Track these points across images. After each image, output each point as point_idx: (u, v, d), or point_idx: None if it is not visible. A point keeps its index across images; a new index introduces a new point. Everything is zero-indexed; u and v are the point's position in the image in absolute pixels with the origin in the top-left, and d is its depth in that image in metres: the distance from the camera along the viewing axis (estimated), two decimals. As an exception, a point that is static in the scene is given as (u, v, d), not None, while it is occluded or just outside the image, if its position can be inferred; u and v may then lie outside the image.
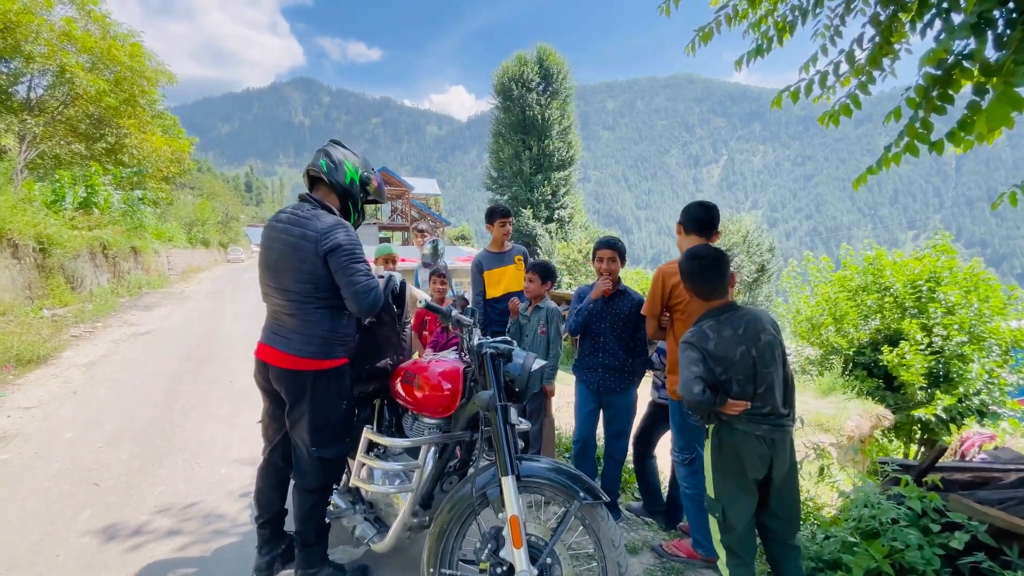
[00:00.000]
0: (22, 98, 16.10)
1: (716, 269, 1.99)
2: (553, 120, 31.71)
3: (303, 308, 1.97)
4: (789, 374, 1.97)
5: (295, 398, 2.00)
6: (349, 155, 2.16)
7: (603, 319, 2.89)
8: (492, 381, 1.79)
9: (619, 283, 2.92)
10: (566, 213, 32.46)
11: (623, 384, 2.88)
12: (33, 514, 2.73)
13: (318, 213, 2.00)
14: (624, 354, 2.87)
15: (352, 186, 2.13)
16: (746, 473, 1.90)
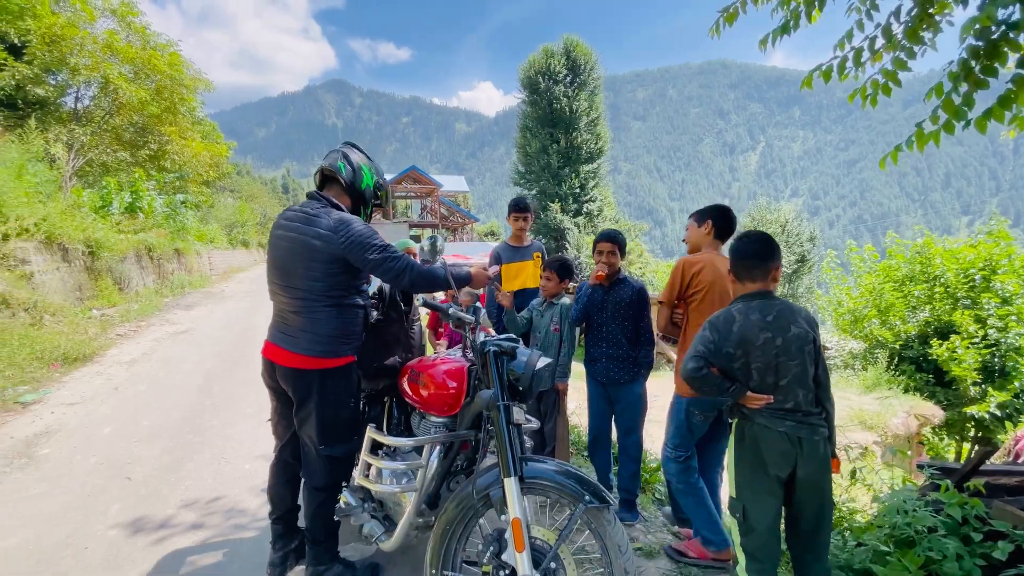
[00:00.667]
0: (70, 109, 16.99)
1: (762, 252, 1.93)
2: (581, 112, 31.28)
3: (311, 306, 1.97)
4: (823, 375, 1.87)
5: (302, 397, 2.00)
6: (366, 160, 2.19)
7: (604, 308, 2.86)
8: (494, 379, 1.74)
9: (619, 272, 2.89)
10: (595, 206, 32.05)
11: (628, 375, 2.81)
12: (67, 507, 2.87)
13: (330, 210, 2.00)
14: (627, 343, 2.82)
15: (367, 191, 2.17)
16: (768, 471, 1.81)
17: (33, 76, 14.30)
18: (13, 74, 13.70)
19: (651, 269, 28.28)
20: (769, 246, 1.94)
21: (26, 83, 14.20)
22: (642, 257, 26.87)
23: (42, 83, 14.84)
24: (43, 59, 14.39)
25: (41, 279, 9.06)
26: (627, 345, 2.81)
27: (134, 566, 2.35)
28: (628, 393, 2.82)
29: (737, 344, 1.83)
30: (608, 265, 2.81)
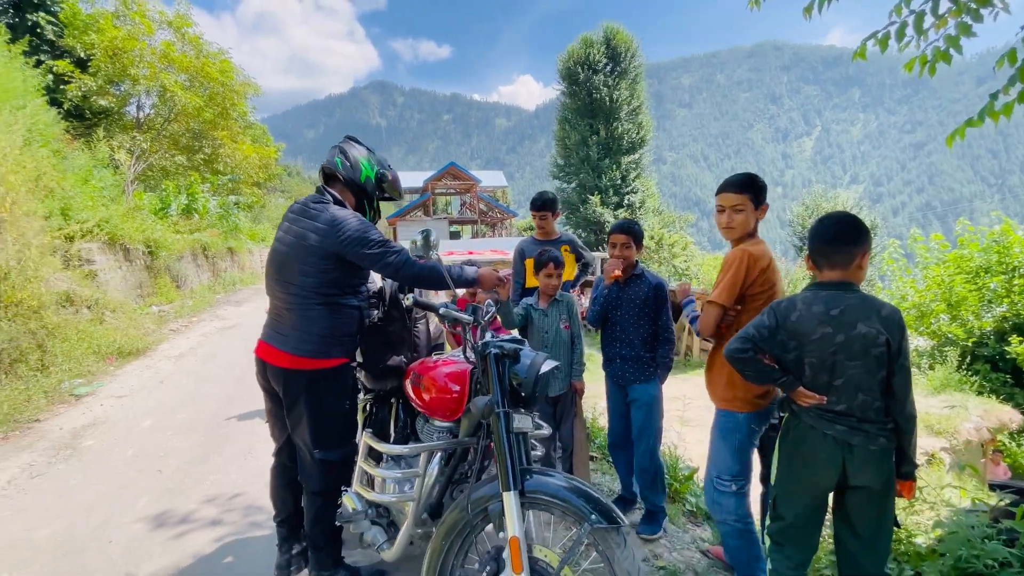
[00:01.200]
0: (133, 117, 18.09)
1: (846, 235, 1.69)
2: (622, 101, 30.47)
3: (304, 303, 1.92)
4: (899, 384, 1.64)
5: (292, 399, 1.95)
6: (364, 152, 2.13)
7: (619, 306, 2.66)
8: (494, 384, 1.60)
9: (635, 267, 2.68)
10: (637, 198, 31.22)
11: (643, 375, 2.61)
12: (100, 498, 2.97)
13: (328, 206, 1.96)
14: (642, 343, 2.62)
15: (368, 184, 2.10)
16: (809, 472, 1.71)
17: (97, 88, 15.28)
18: (79, 86, 14.68)
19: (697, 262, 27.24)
20: (855, 229, 1.69)
21: (91, 94, 15.18)
22: (687, 250, 25.91)
23: (106, 94, 15.84)
24: (106, 71, 15.35)
25: (104, 277, 9.67)
26: (641, 345, 2.62)
27: (151, 561, 2.38)
28: (642, 393, 2.62)
29: (792, 334, 1.69)
30: (623, 259, 2.61)
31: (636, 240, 2.65)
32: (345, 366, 2.02)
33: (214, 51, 19.49)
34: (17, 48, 11.34)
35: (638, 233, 2.68)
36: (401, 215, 31.26)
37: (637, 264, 2.69)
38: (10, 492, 3.06)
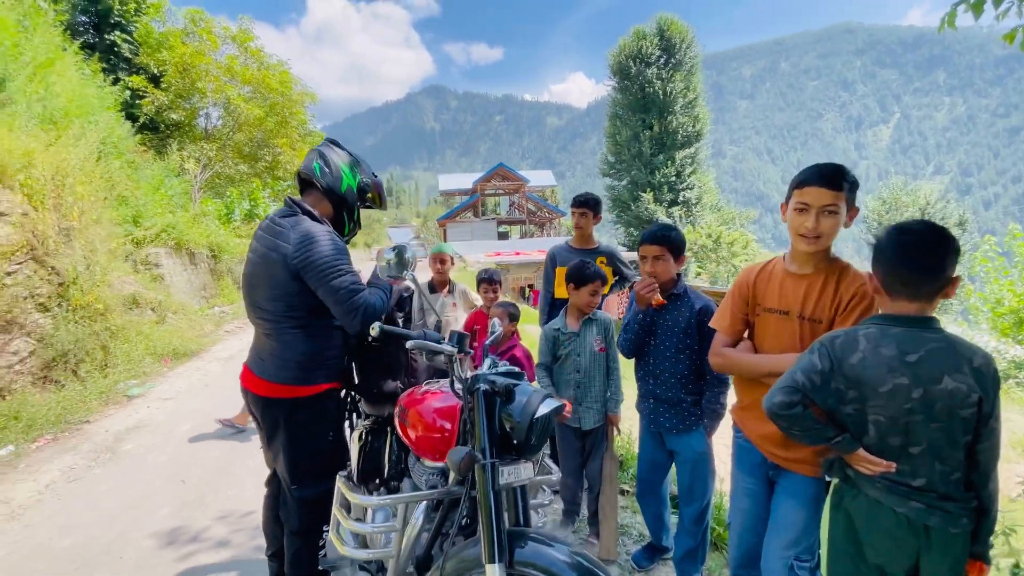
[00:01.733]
0: (201, 128, 19.27)
1: (930, 254, 1.26)
2: (676, 94, 29.33)
3: (277, 328, 1.76)
4: (985, 453, 1.25)
5: (271, 429, 1.79)
6: (346, 158, 1.91)
7: (653, 333, 2.14)
8: (481, 428, 1.35)
9: (676, 283, 2.14)
10: (693, 194, 29.96)
11: (683, 423, 2.10)
12: (124, 508, 2.98)
13: (299, 220, 1.76)
14: (680, 383, 2.09)
15: (348, 194, 1.87)
16: (874, 554, 1.33)
17: (169, 102, 16.36)
18: (152, 100, 15.75)
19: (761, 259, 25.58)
20: (945, 247, 1.25)
21: (164, 108, 16.27)
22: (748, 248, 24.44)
23: (177, 107, 16.94)
24: (177, 86, 16.41)
25: (170, 280, 10.25)
26: (680, 386, 2.09)
27: None
28: (684, 448, 2.13)
29: (852, 381, 1.29)
30: (655, 275, 2.07)
31: (674, 251, 2.10)
32: (328, 393, 1.83)
33: (274, 63, 20.44)
34: (94, 66, 12.24)
35: (676, 242, 2.10)
36: (451, 216, 31.64)
37: (679, 280, 2.16)
38: (45, 497, 3.15)
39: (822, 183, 1.49)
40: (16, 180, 6.48)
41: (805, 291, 1.57)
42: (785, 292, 1.60)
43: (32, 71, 8.31)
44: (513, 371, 1.47)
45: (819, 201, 1.49)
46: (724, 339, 1.76)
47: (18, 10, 9.20)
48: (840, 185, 1.48)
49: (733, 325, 1.75)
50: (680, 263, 2.13)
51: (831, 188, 1.48)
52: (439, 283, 3.23)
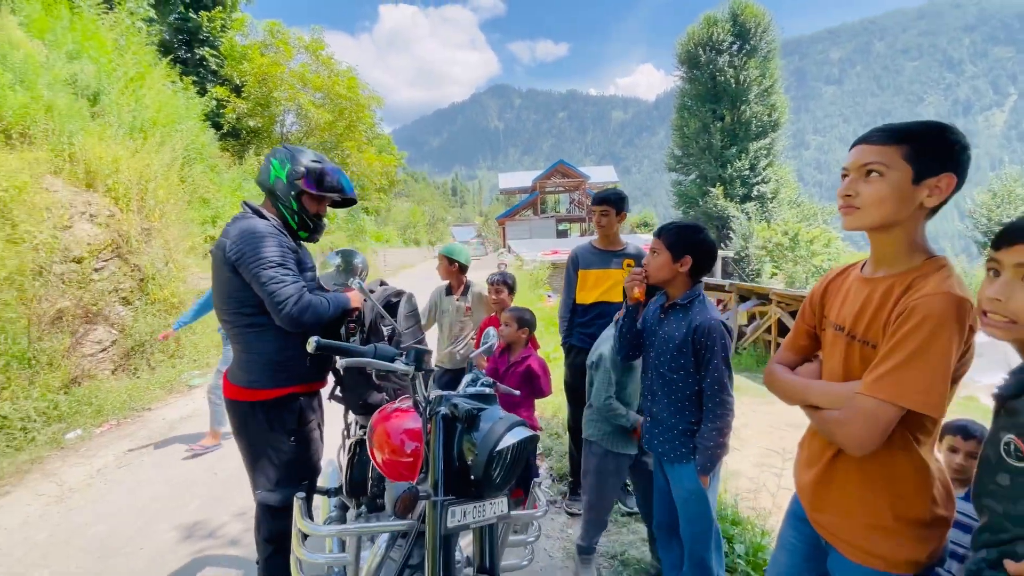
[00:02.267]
0: (279, 134, 20.54)
1: None
2: (750, 82, 27.50)
3: (234, 329, 1.75)
4: None
5: (235, 433, 1.79)
6: (279, 153, 1.87)
7: (652, 343, 1.85)
8: (436, 458, 1.16)
9: (688, 291, 1.77)
10: (768, 188, 28.00)
11: (674, 452, 1.77)
12: (155, 499, 3.08)
13: (241, 219, 1.77)
14: (671, 407, 1.77)
15: (277, 185, 1.81)
16: None
17: (248, 110, 17.54)
18: (234, 109, 16.96)
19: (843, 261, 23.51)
20: None
21: (244, 116, 17.48)
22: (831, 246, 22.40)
23: (256, 115, 18.14)
24: (255, 95, 17.57)
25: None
26: (671, 411, 1.77)
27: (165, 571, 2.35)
28: (676, 478, 1.79)
29: None
30: (643, 273, 1.79)
31: (671, 248, 1.76)
32: (288, 398, 1.76)
33: (343, 69, 21.38)
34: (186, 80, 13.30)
35: (672, 239, 1.76)
36: (510, 215, 31.69)
37: (695, 287, 1.79)
38: (95, 482, 3.34)
39: (863, 139, 1.14)
40: (105, 184, 7.11)
41: (864, 300, 1.16)
42: (847, 300, 1.23)
43: (124, 85, 9.13)
44: (483, 393, 1.27)
45: (857, 160, 1.13)
46: (784, 354, 1.42)
47: (116, 30, 10.17)
48: (887, 139, 1.08)
49: (795, 339, 1.40)
50: (682, 265, 1.76)
51: (872, 143, 1.11)
52: (454, 284, 3.09)
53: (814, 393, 1.21)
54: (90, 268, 6.20)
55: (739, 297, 11.66)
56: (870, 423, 1.04)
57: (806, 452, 1.29)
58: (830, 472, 1.21)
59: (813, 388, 1.23)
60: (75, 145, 6.81)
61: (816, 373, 1.28)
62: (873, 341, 1.12)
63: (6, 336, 4.51)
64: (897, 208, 1.08)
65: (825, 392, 1.19)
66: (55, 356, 5.01)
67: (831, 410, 1.14)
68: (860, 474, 1.15)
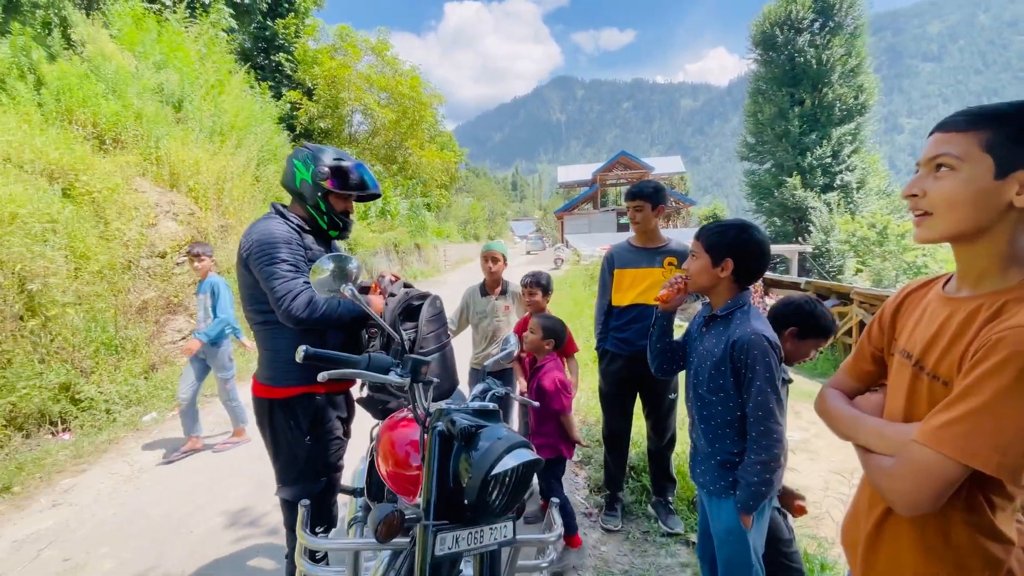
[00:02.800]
0: (347, 134, 21.45)
1: None
2: (834, 62, 25.29)
3: (254, 327, 1.80)
4: None
5: (259, 426, 1.84)
6: (301, 153, 1.86)
7: (691, 360, 1.66)
8: (429, 478, 1.06)
9: (732, 301, 1.54)
10: (853, 177, 25.69)
11: (713, 484, 1.56)
12: (210, 483, 3.23)
13: (262, 222, 1.78)
14: (708, 433, 1.56)
15: (304, 187, 1.81)
16: None
17: (319, 112, 18.43)
18: (306, 111, 17.87)
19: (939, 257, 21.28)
20: None
21: (315, 118, 18.40)
22: (927, 242, 20.09)
23: (326, 116, 19.04)
24: (325, 97, 18.42)
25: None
26: (708, 437, 1.56)
27: (207, 557, 2.44)
28: (713, 514, 1.59)
29: None
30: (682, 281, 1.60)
31: (710, 251, 1.53)
32: (303, 397, 1.75)
33: (407, 69, 21.94)
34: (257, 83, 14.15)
35: (711, 241, 1.54)
36: (569, 209, 31.25)
37: (739, 295, 1.54)
38: (162, 464, 3.58)
39: (939, 126, 0.92)
40: (186, 185, 7.68)
41: (941, 324, 0.92)
42: (922, 322, 0.98)
43: (205, 92, 9.84)
44: (486, 408, 1.16)
45: (928, 152, 0.91)
46: (842, 378, 1.17)
47: (200, 41, 10.97)
48: (963, 124, 0.86)
49: (857, 362, 1.14)
50: (723, 269, 1.52)
51: (946, 130, 0.89)
52: (491, 284, 2.97)
53: (866, 432, 0.99)
54: (172, 262, 6.72)
55: (817, 296, 10.77)
56: (924, 481, 0.83)
57: (855, 504, 1.06)
58: (879, 533, 0.98)
59: (865, 425, 1.00)
60: (161, 149, 7.39)
61: (878, 407, 1.04)
62: (945, 377, 0.88)
63: (97, 324, 4.96)
64: (975, 211, 0.85)
65: (879, 433, 0.96)
66: (139, 344, 5.46)
67: (883, 456, 0.92)
68: (914, 540, 0.92)
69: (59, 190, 5.45)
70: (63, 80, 6.56)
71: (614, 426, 2.68)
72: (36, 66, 6.47)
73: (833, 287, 10.51)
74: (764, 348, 1.43)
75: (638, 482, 2.93)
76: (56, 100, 6.48)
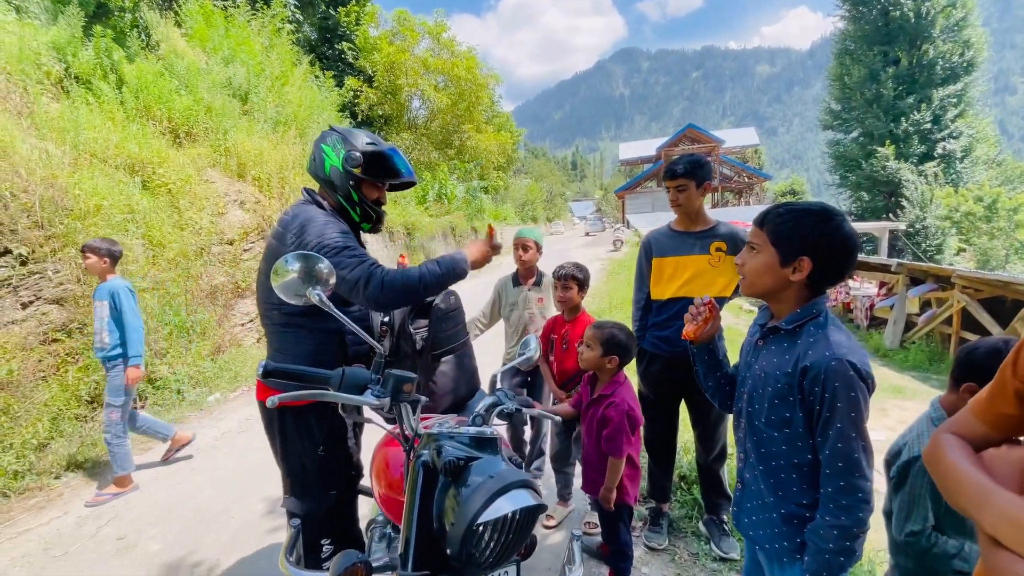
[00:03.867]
0: (406, 120, 21.75)
1: None
2: (935, 15, 22.29)
3: (272, 327, 1.67)
4: None
5: (266, 431, 1.72)
6: (330, 138, 1.69)
7: (743, 380, 1.31)
8: (410, 519, 0.91)
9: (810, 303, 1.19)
10: (957, 145, 22.72)
11: (773, 541, 1.22)
12: (255, 468, 3.31)
13: (301, 210, 1.64)
14: (768, 475, 1.22)
15: (334, 174, 1.65)
16: None
17: (378, 99, 18.76)
18: (366, 98, 18.24)
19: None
20: None
21: (375, 104, 18.75)
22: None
23: (386, 103, 19.36)
24: (384, 84, 18.71)
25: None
26: (772, 483, 1.22)
27: (246, 546, 2.49)
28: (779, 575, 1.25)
29: None
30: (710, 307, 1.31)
31: (786, 241, 1.16)
32: (322, 406, 1.59)
33: (463, 50, 21.78)
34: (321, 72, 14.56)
35: (792, 224, 1.16)
36: (630, 187, 30.06)
37: (814, 303, 1.19)
38: (219, 444, 3.76)
39: None
40: (251, 174, 8.03)
41: None
42: None
43: (270, 84, 10.22)
44: (484, 435, 0.99)
45: None
46: (968, 421, 0.80)
47: (263, 34, 11.39)
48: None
49: (993, 402, 0.76)
50: (796, 271, 1.16)
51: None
52: (524, 274, 2.77)
53: (995, 512, 0.65)
54: (240, 249, 7.07)
55: (910, 280, 9.62)
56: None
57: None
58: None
59: (999, 503, 0.66)
60: (229, 140, 7.75)
61: (1019, 469, 0.71)
62: None
63: (171, 309, 5.29)
64: None
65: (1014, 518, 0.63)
66: (208, 327, 5.80)
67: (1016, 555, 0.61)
68: None
69: (139, 182, 5.82)
70: (141, 79, 6.98)
71: (658, 432, 2.40)
72: (117, 66, 6.91)
73: (931, 269, 9.35)
74: (849, 379, 1.08)
75: (689, 495, 2.64)
76: (135, 98, 6.91)
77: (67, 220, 4.48)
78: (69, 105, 6.02)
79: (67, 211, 4.55)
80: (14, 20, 6.42)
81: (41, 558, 2.47)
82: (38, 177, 4.54)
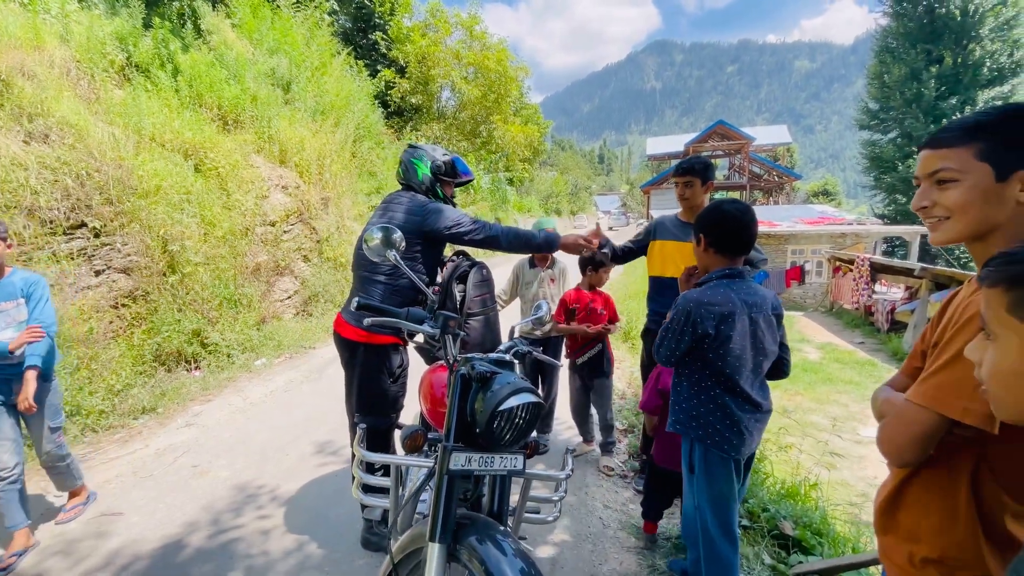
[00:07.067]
0: (436, 110, 22.17)
1: None
2: (984, 13, 21.47)
3: (371, 279, 2.13)
4: None
5: (348, 368, 2.19)
6: (416, 152, 2.29)
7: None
8: (451, 411, 1.29)
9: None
10: (1001, 149, 21.89)
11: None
12: (302, 420, 3.79)
13: (417, 196, 2.23)
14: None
15: (426, 180, 2.25)
16: None
17: (410, 89, 19.19)
18: (399, 89, 18.70)
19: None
20: None
21: (407, 95, 19.20)
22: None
23: (417, 93, 19.80)
24: (416, 74, 19.11)
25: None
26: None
27: (297, 479, 2.94)
28: None
29: None
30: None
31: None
32: (393, 347, 2.10)
33: (494, 43, 22.01)
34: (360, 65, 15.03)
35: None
36: (656, 183, 29.88)
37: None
38: (267, 400, 4.24)
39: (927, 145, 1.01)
40: (293, 161, 8.54)
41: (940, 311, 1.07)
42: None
43: (310, 74, 10.73)
44: (500, 358, 1.36)
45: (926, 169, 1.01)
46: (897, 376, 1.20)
47: (305, 25, 11.91)
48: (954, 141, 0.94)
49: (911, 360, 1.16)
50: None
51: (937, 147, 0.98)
52: (540, 258, 3.15)
53: (880, 403, 1.09)
54: (281, 230, 7.59)
55: (934, 285, 9.60)
56: (903, 429, 0.95)
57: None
58: (898, 494, 1.07)
59: (879, 398, 1.11)
60: (272, 128, 8.27)
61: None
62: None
63: (221, 282, 5.82)
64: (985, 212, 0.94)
65: (886, 400, 1.06)
66: (253, 300, 6.33)
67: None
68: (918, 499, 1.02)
69: (192, 166, 6.36)
70: (194, 68, 7.52)
71: None
72: (173, 56, 7.46)
73: (956, 275, 9.32)
74: None
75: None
76: (189, 86, 7.46)
77: (133, 199, 4.98)
78: (131, 92, 6.58)
79: (132, 190, 5.05)
80: (77, 9, 7.01)
81: (131, 479, 2.97)
82: (108, 158, 5.05)
